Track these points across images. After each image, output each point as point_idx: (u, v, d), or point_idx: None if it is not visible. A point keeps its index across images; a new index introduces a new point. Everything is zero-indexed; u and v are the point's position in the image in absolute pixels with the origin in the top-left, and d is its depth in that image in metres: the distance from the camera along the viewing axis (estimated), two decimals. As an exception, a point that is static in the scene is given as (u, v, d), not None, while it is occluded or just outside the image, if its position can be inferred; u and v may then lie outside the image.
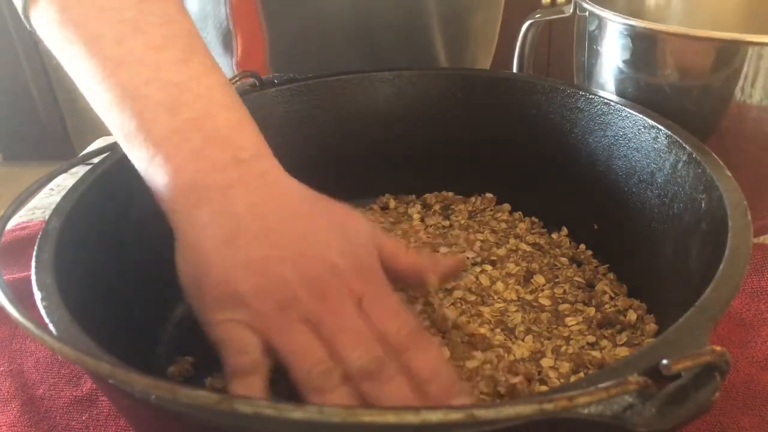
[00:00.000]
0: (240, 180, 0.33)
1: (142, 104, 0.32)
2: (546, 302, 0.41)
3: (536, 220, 0.50)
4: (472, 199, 0.53)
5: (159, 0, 0.34)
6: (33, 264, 0.31)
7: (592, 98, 0.44)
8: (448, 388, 0.31)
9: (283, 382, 0.31)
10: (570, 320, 0.40)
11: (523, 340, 0.38)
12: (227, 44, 0.63)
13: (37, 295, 0.29)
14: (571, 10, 0.51)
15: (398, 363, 0.31)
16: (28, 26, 0.35)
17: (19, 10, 0.35)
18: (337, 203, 0.36)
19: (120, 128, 0.33)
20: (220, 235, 0.32)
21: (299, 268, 0.31)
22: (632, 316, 0.39)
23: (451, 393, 0.30)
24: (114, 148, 0.40)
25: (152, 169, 0.33)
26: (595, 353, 0.37)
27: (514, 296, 0.42)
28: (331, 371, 0.30)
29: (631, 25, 0.43)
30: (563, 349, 0.37)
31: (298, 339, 0.31)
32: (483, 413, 0.19)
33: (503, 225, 0.49)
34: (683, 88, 0.43)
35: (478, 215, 0.51)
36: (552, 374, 0.35)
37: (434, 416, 0.19)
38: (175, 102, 0.32)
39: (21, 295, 0.27)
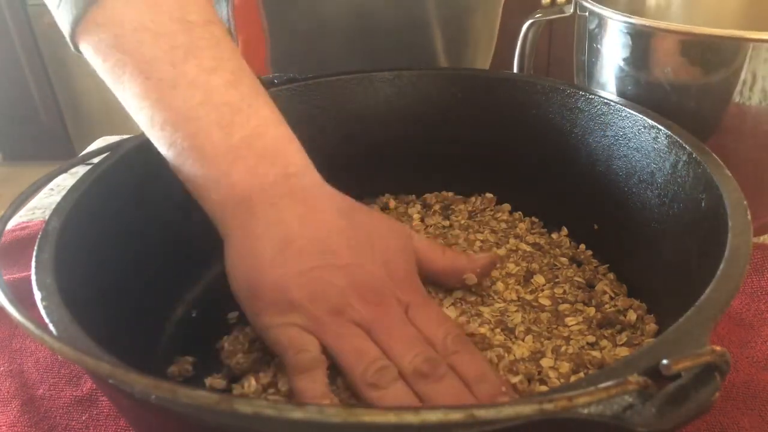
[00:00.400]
0: (289, 194, 0.35)
1: (195, 125, 0.34)
2: (546, 302, 0.41)
3: (536, 220, 0.50)
4: (472, 199, 0.53)
5: (207, 24, 0.35)
6: (33, 264, 0.31)
7: (592, 98, 0.44)
8: (497, 388, 0.32)
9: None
10: (570, 320, 0.40)
11: (523, 340, 0.38)
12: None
13: (37, 295, 0.29)
14: (572, 10, 0.52)
15: (446, 365, 0.32)
16: (73, 49, 0.36)
17: (66, 34, 0.35)
18: (372, 213, 0.38)
19: (171, 146, 0.35)
20: (273, 245, 0.33)
21: (350, 276, 0.33)
22: (632, 316, 0.39)
23: (500, 394, 0.32)
24: (114, 148, 0.40)
25: (207, 184, 0.35)
26: (595, 353, 0.37)
27: (514, 296, 0.42)
28: (388, 368, 0.32)
29: (632, 23, 0.43)
30: (563, 349, 0.37)
31: (354, 340, 0.33)
32: (483, 413, 0.19)
33: (503, 225, 0.49)
34: (683, 86, 0.43)
35: (478, 215, 0.51)
36: (552, 374, 0.35)
37: (434, 416, 0.19)
38: (228, 122, 0.34)
39: (21, 295, 0.27)
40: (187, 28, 0.34)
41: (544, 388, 0.35)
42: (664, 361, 0.21)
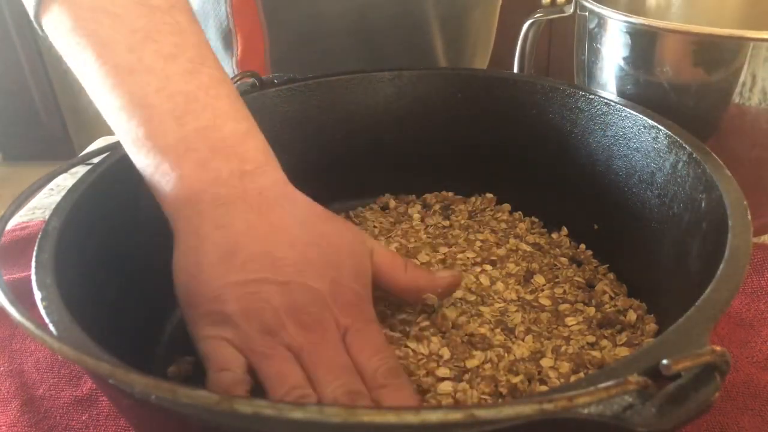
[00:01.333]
0: (242, 196, 0.33)
1: (149, 113, 0.33)
2: (546, 302, 0.41)
3: (536, 220, 0.50)
4: (472, 199, 0.53)
5: (171, 9, 0.34)
6: (33, 264, 0.31)
7: (592, 98, 0.44)
8: None
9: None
10: (570, 320, 0.40)
11: (523, 340, 0.38)
12: (227, 43, 0.63)
13: (37, 295, 0.29)
14: (572, 10, 0.52)
15: (370, 399, 0.31)
16: (40, 32, 0.36)
17: (31, 15, 0.35)
18: (336, 224, 0.36)
19: (127, 134, 0.34)
20: (218, 250, 0.32)
21: (289, 296, 0.32)
22: (632, 316, 0.39)
23: None
24: (114, 148, 0.40)
25: (157, 176, 0.33)
26: (595, 353, 0.37)
27: (514, 296, 0.42)
28: (306, 397, 0.30)
29: (632, 23, 0.43)
30: (563, 349, 0.37)
31: (279, 364, 0.31)
32: (483, 413, 0.19)
33: (503, 225, 0.49)
34: (683, 86, 0.43)
35: (478, 215, 0.51)
36: (552, 374, 0.35)
37: (434, 416, 0.19)
38: (182, 111, 0.33)
39: (21, 295, 0.27)
40: (148, 11, 0.33)
41: (544, 388, 0.35)
42: (664, 361, 0.21)
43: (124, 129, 0.34)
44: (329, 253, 0.34)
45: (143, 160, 0.34)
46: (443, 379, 0.35)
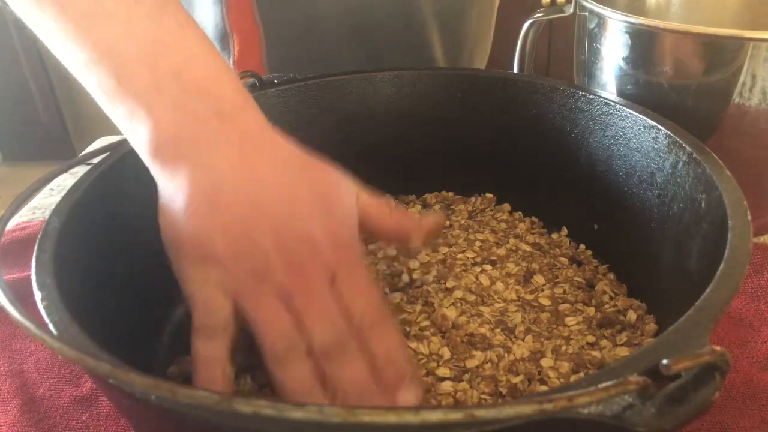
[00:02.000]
0: (223, 135, 0.32)
1: (117, 60, 0.32)
2: (546, 302, 0.41)
3: (536, 220, 0.50)
4: (472, 199, 0.53)
5: None
6: (33, 264, 0.31)
7: (592, 98, 0.44)
8: (400, 376, 0.31)
9: (259, 370, 0.32)
10: (570, 320, 0.40)
11: (523, 340, 0.38)
12: (224, 43, 0.63)
13: (37, 295, 0.29)
14: (572, 10, 0.52)
15: (358, 341, 0.31)
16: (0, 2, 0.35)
17: None
18: (321, 167, 0.35)
19: (98, 86, 0.33)
20: (202, 191, 0.32)
21: (279, 238, 0.32)
22: (632, 316, 0.39)
23: (402, 381, 0.31)
24: (114, 148, 0.40)
25: (133, 124, 0.33)
26: (595, 353, 0.37)
27: (514, 296, 0.42)
28: (295, 345, 0.31)
29: (632, 23, 0.43)
30: (563, 349, 0.37)
31: (268, 309, 0.31)
32: (483, 413, 0.19)
33: (503, 225, 0.49)
34: (683, 86, 0.43)
35: (478, 215, 0.51)
36: (552, 374, 0.35)
37: (434, 416, 0.19)
38: (150, 56, 0.32)
39: (21, 295, 0.27)
40: None
41: (544, 388, 0.35)
42: (664, 361, 0.21)
43: (94, 82, 0.33)
44: (318, 195, 0.34)
45: (117, 111, 0.33)
46: (443, 379, 0.35)
